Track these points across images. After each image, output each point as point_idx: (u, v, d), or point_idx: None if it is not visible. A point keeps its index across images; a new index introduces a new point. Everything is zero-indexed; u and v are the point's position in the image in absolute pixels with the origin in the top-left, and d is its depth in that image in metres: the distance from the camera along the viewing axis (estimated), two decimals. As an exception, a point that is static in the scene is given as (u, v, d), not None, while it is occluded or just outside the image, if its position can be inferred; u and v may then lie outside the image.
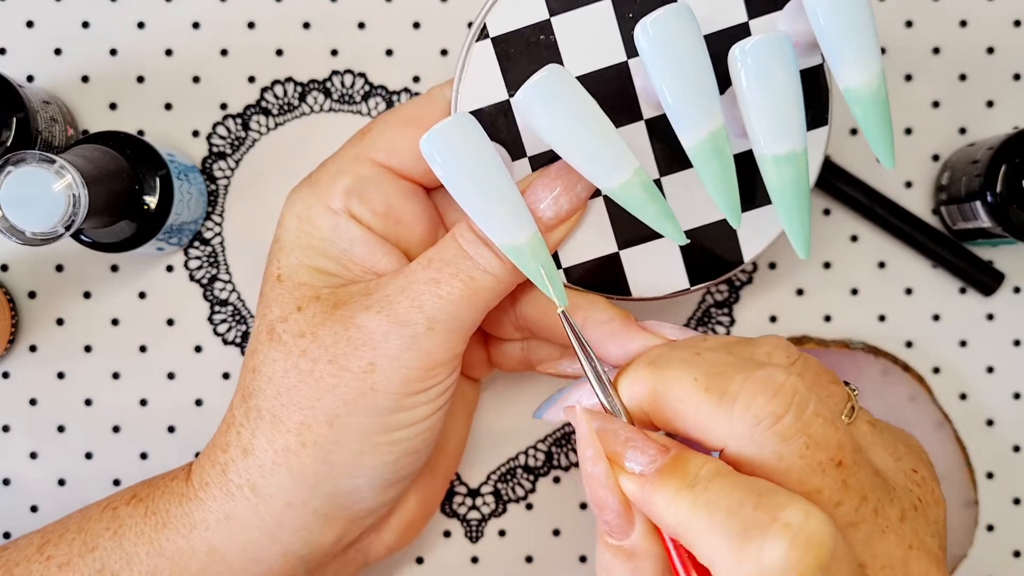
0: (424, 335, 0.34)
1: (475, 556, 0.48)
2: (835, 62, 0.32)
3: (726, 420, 0.29)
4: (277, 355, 0.35)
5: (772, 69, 0.31)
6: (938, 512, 0.31)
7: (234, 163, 0.47)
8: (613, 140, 0.32)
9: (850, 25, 0.31)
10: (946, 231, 0.47)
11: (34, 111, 0.41)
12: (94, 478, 0.47)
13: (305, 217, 0.36)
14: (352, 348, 0.34)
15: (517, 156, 0.37)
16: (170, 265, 0.47)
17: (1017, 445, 0.48)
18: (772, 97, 0.31)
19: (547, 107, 0.31)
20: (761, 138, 0.32)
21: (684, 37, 0.31)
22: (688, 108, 0.31)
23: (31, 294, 0.47)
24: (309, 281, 0.36)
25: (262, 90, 0.47)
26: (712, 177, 0.32)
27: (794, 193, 0.32)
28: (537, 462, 0.48)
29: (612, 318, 0.36)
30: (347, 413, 0.34)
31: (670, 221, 0.33)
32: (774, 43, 0.31)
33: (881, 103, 0.32)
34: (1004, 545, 0.48)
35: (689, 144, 0.32)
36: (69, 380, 0.47)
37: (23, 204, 0.36)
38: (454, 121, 0.32)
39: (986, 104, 0.48)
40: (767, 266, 0.48)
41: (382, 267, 0.36)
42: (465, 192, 0.32)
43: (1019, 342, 0.48)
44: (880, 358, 0.46)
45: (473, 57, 0.36)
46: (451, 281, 0.34)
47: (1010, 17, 0.47)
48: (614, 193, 0.32)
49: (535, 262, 0.33)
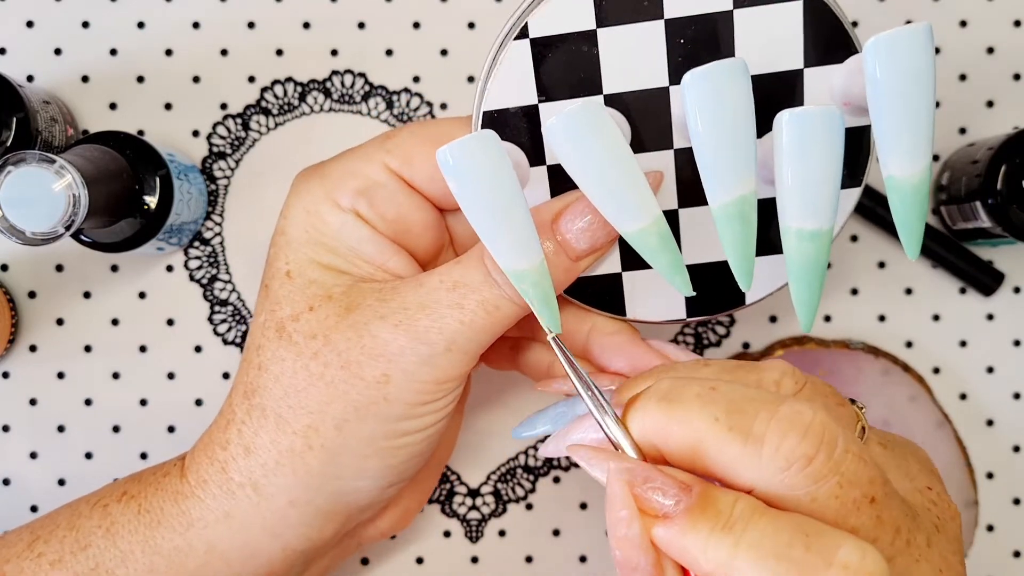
0: (442, 355, 0.34)
1: (475, 556, 0.48)
2: (883, 146, 0.30)
3: (754, 462, 0.28)
4: (286, 354, 0.35)
5: (816, 146, 0.30)
6: (955, 527, 0.31)
7: (234, 163, 0.47)
8: (638, 184, 0.31)
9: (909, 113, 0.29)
10: (946, 231, 0.47)
11: (34, 111, 0.41)
12: (94, 478, 0.47)
13: (313, 211, 0.36)
14: (367, 357, 0.34)
15: (536, 163, 0.35)
16: (170, 265, 0.47)
17: (1017, 445, 0.48)
18: (810, 173, 0.30)
19: (577, 141, 0.31)
20: (789, 209, 0.31)
21: (732, 96, 0.30)
22: (722, 169, 0.30)
23: (31, 294, 0.47)
24: (320, 279, 0.35)
25: (262, 90, 0.47)
26: (732, 240, 0.31)
27: (812, 269, 0.31)
28: (537, 462, 0.48)
29: (619, 330, 0.36)
30: (357, 419, 0.34)
31: (680, 273, 0.32)
32: (825, 119, 0.29)
33: (921, 198, 0.31)
34: (1004, 545, 0.48)
35: (715, 204, 0.31)
36: (69, 380, 0.47)
37: (23, 204, 0.36)
38: (477, 138, 0.31)
39: (986, 104, 0.48)
40: (767, 266, 0.48)
41: (392, 266, 0.36)
42: (476, 210, 0.31)
43: (1019, 342, 0.48)
44: (880, 358, 0.46)
45: (508, 54, 0.34)
46: (475, 309, 0.34)
47: (1010, 17, 0.47)
48: (630, 237, 0.32)
49: (535, 290, 0.32)
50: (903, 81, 0.29)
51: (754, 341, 0.48)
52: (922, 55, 0.29)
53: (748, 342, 0.48)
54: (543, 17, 0.34)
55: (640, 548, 0.28)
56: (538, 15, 0.34)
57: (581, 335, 0.37)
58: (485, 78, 0.35)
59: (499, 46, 0.34)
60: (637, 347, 0.36)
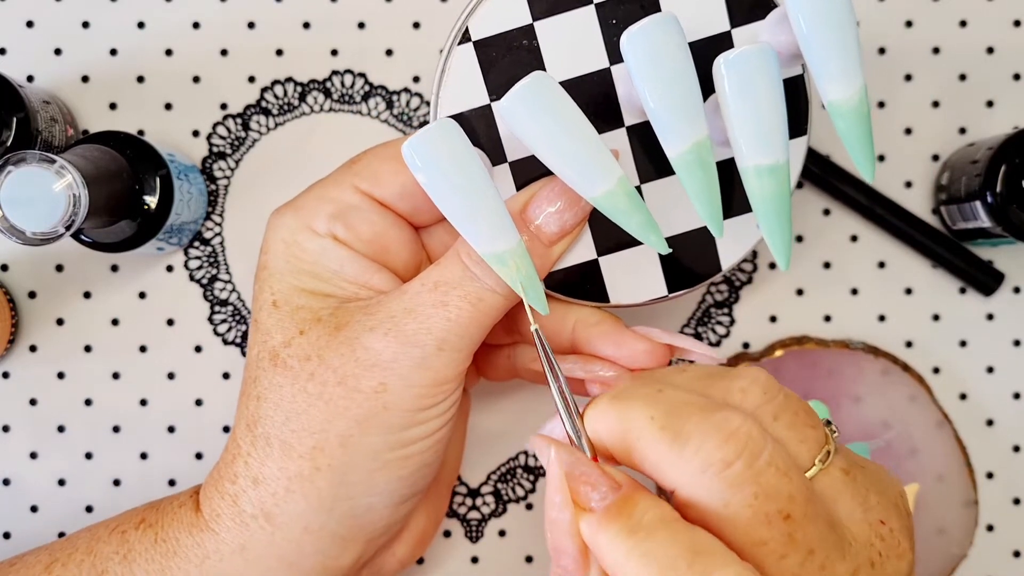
0: (434, 355, 0.34)
1: (475, 556, 0.48)
2: (819, 75, 0.32)
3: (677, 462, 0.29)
4: (283, 380, 0.35)
5: (756, 81, 0.31)
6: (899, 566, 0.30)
7: (234, 163, 0.47)
8: (598, 149, 0.32)
9: (834, 39, 0.31)
10: (946, 231, 0.47)
11: (34, 111, 0.41)
12: (94, 478, 0.47)
13: (291, 241, 0.36)
14: (362, 369, 0.34)
15: (497, 161, 0.36)
16: (170, 265, 0.47)
17: (1017, 445, 0.48)
18: (756, 109, 0.31)
19: (532, 114, 0.31)
20: (744, 149, 0.32)
21: (670, 47, 0.31)
22: (673, 118, 0.31)
23: (31, 294, 0.47)
24: (307, 304, 0.35)
25: (262, 90, 0.47)
26: (696, 187, 0.32)
27: (776, 204, 0.32)
28: (537, 462, 0.48)
29: (603, 320, 0.36)
30: (360, 433, 0.34)
31: (653, 231, 0.33)
32: (759, 55, 0.31)
33: (863, 117, 0.32)
34: (1004, 545, 0.48)
35: (673, 154, 0.32)
36: (69, 380, 0.47)
37: (23, 204, 0.36)
38: (436, 127, 0.32)
39: (986, 104, 0.48)
40: (767, 266, 0.48)
41: (375, 283, 0.36)
42: (448, 199, 0.32)
43: (1019, 342, 0.48)
44: (880, 358, 0.46)
45: (454, 60, 0.36)
46: (459, 304, 0.34)
47: (1010, 17, 0.48)
48: (598, 202, 0.32)
49: (517, 271, 0.33)
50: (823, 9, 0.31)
51: (754, 341, 0.48)
52: None
53: (748, 342, 0.48)
54: (481, 19, 0.35)
55: (568, 534, 0.29)
56: (476, 18, 0.35)
57: (566, 331, 0.37)
58: (437, 87, 0.36)
59: (446, 54, 0.36)
60: (621, 334, 0.36)
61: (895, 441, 0.46)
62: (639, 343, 0.36)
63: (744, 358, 0.47)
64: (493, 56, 0.36)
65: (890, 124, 0.48)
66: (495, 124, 0.36)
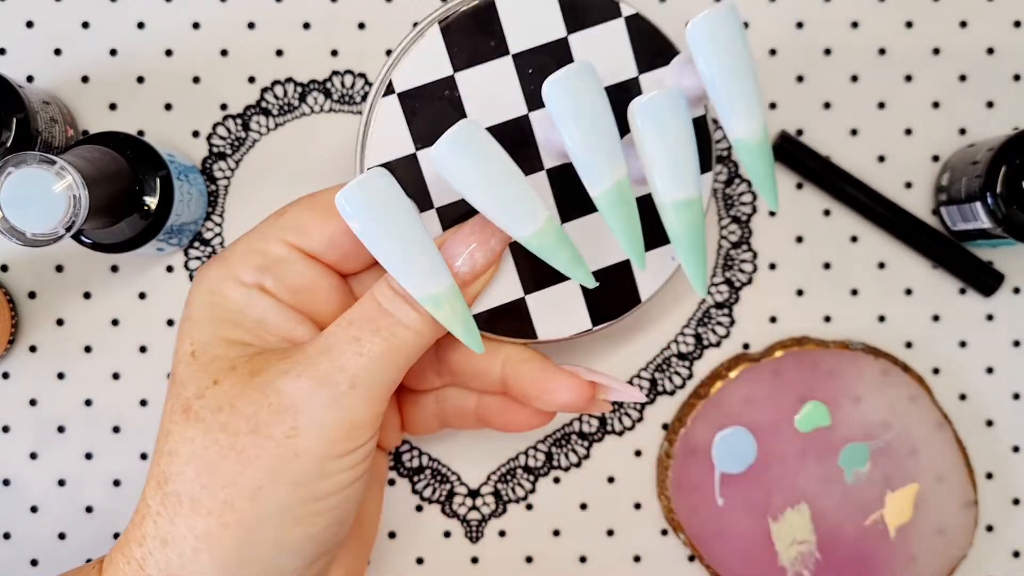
0: (347, 394, 0.34)
1: (475, 556, 0.48)
2: (725, 115, 0.34)
3: None
4: (195, 433, 0.34)
5: (668, 124, 0.33)
6: None
7: (234, 163, 0.47)
8: (525, 191, 0.33)
9: (737, 84, 0.33)
10: (946, 232, 0.47)
11: (34, 112, 0.41)
12: (94, 478, 0.47)
13: (216, 291, 0.36)
14: (273, 414, 0.33)
15: (424, 207, 0.37)
16: (170, 265, 0.47)
17: (1016, 446, 0.48)
18: (670, 149, 0.33)
19: (462, 160, 0.33)
20: (661, 187, 0.33)
21: (590, 93, 0.33)
22: (596, 159, 0.33)
23: (31, 294, 0.47)
24: (224, 353, 0.35)
25: (262, 90, 0.47)
26: (619, 223, 0.34)
27: (692, 236, 0.34)
28: (537, 462, 0.48)
29: (531, 357, 0.38)
30: (270, 483, 0.33)
31: (580, 266, 0.34)
32: (669, 100, 0.33)
33: (764, 152, 0.34)
34: (1003, 545, 0.48)
35: (597, 192, 0.33)
36: (69, 380, 0.47)
37: (23, 205, 0.36)
38: (369, 177, 0.33)
39: (986, 105, 0.48)
40: (767, 266, 0.48)
41: (299, 335, 0.36)
42: (381, 245, 0.33)
43: (1019, 343, 0.48)
44: (880, 359, 0.46)
45: (379, 112, 0.37)
46: (372, 339, 0.34)
47: (1010, 18, 0.47)
48: (527, 241, 0.34)
49: (452, 312, 0.34)
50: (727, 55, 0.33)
51: (754, 342, 0.48)
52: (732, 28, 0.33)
53: (748, 342, 0.48)
54: (404, 72, 0.37)
55: None
56: (399, 71, 0.37)
57: (495, 369, 0.38)
58: (363, 137, 0.37)
59: (371, 107, 0.37)
60: (548, 369, 0.38)
61: (895, 441, 0.46)
62: (565, 379, 0.38)
63: (744, 359, 0.47)
64: (416, 107, 0.37)
65: (890, 125, 0.48)
66: (420, 172, 0.37)
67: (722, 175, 0.47)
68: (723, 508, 0.46)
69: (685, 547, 0.48)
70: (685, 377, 0.48)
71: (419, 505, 0.48)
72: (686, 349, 0.48)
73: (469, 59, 0.37)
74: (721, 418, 0.46)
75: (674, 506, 0.46)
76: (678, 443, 0.46)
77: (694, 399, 0.47)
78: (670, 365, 0.48)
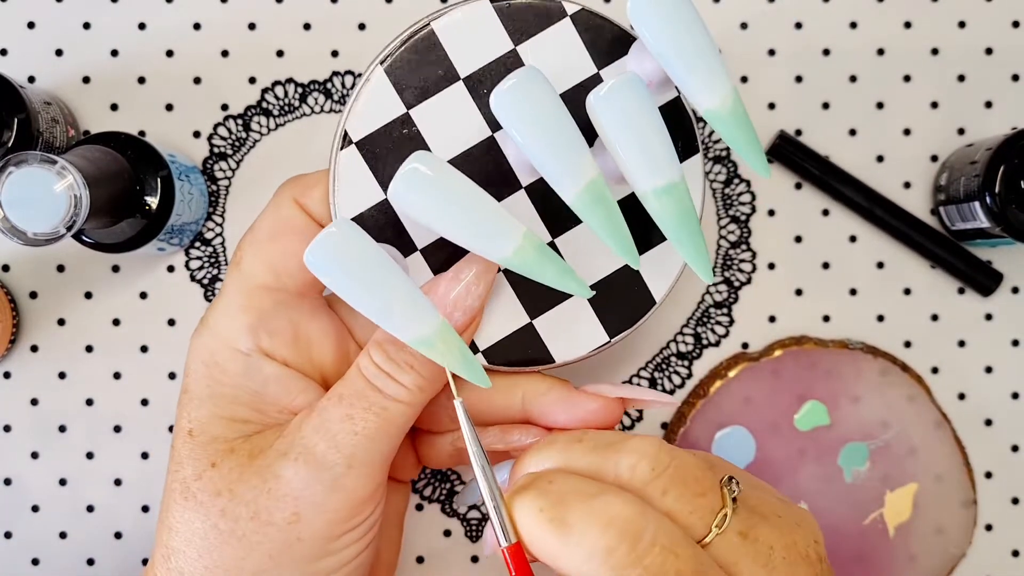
0: (345, 475, 0.33)
1: (475, 556, 0.48)
2: (687, 90, 0.32)
3: (565, 551, 0.30)
4: (194, 516, 0.34)
5: (629, 108, 0.31)
6: None
7: (235, 164, 0.47)
8: (495, 211, 0.32)
9: (692, 54, 0.32)
10: (945, 231, 0.48)
11: (35, 112, 0.41)
12: (95, 478, 0.47)
13: (212, 363, 0.35)
14: (273, 500, 0.33)
15: (408, 252, 0.36)
16: (171, 265, 0.47)
17: (1015, 445, 0.48)
18: (637, 135, 0.31)
19: (420, 195, 0.31)
20: (637, 177, 0.32)
21: (539, 97, 0.31)
22: (560, 164, 0.32)
23: (32, 294, 0.47)
24: (223, 434, 0.35)
25: (263, 91, 0.47)
26: (599, 224, 0.32)
27: (682, 222, 0.32)
28: (537, 462, 0.48)
29: (551, 387, 0.36)
30: (273, 567, 0.33)
31: (571, 278, 0.33)
32: (625, 84, 0.31)
33: (740, 118, 0.32)
34: (1003, 545, 0.48)
35: (570, 197, 0.32)
36: (70, 380, 0.47)
37: (25, 205, 0.36)
38: (334, 229, 0.31)
39: (984, 105, 0.48)
40: (766, 266, 0.48)
41: (298, 404, 0.35)
42: (359, 298, 0.32)
43: (1017, 342, 0.48)
44: (879, 358, 0.46)
45: (341, 166, 0.36)
46: (364, 416, 0.34)
47: (1008, 18, 0.48)
48: (509, 262, 0.32)
49: (448, 350, 0.32)
50: (676, 28, 0.31)
51: (753, 341, 0.48)
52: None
53: (747, 342, 0.48)
54: (358, 119, 0.36)
55: None
56: (353, 119, 0.36)
57: (515, 404, 0.37)
58: (332, 192, 0.36)
59: (333, 162, 0.36)
60: (572, 397, 0.36)
61: (894, 441, 0.46)
62: (591, 403, 0.36)
63: (743, 358, 0.47)
64: (378, 152, 0.36)
65: (889, 125, 0.48)
66: (397, 217, 0.36)
67: (721, 175, 0.48)
68: (722, 507, 0.46)
69: (685, 546, 0.48)
70: (684, 377, 0.48)
71: (419, 504, 0.48)
72: (685, 349, 0.48)
73: (420, 94, 0.36)
74: (720, 417, 0.46)
75: None
76: (677, 442, 0.46)
77: (693, 398, 0.47)
78: (669, 364, 0.48)
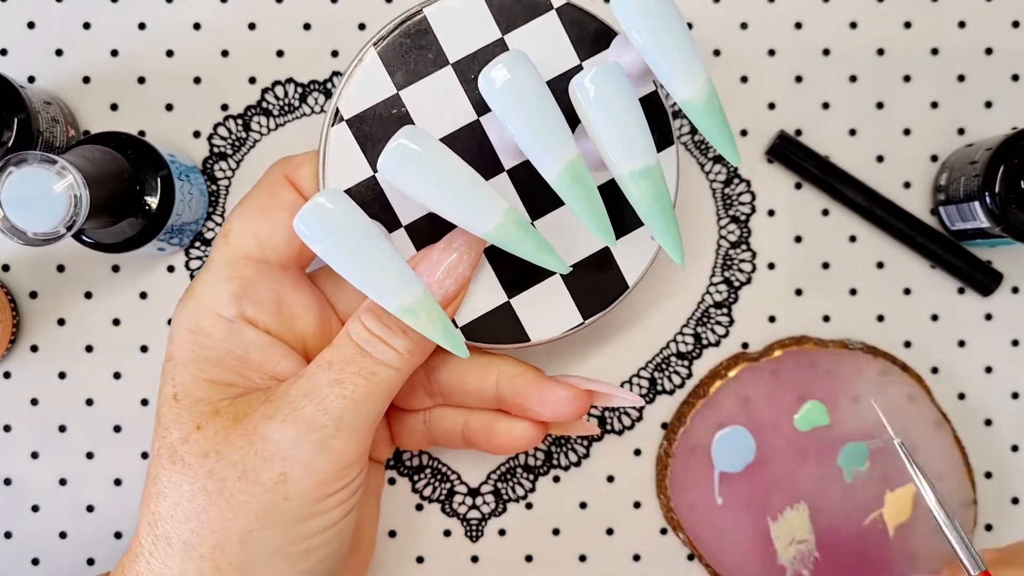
0: (334, 436, 0.34)
1: (475, 556, 0.48)
2: (666, 80, 0.34)
3: None
4: (181, 479, 0.34)
5: (610, 93, 0.33)
6: None
7: (235, 164, 0.47)
8: (479, 187, 0.33)
9: (672, 48, 0.33)
10: (944, 231, 0.48)
11: (35, 112, 0.41)
12: (95, 478, 0.47)
13: (196, 329, 0.36)
14: (261, 461, 0.34)
15: (393, 228, 0.38)
16: (171, 265, 0.47)
17: (1015, 445, 0.48)
18: (616, 119, 0.33)
19: (409, 168, 0.33)
20: (615, 159, 0.34)
21: (525, 79, 0.33)
22: (542, 143, 0.33)
23: (32, 294, 0.47)
24: (207, 396, 0.35)
25: (263, 91, 0.47)
26: (578, 203, 0.34)
27: (657, 204, 0.34)
28: (537, 462, 0.48)
29: (524, 371, 0.38)
30: (260, 527, 0.34)
31: (549, 253, 0.34)
32: (606, 70, 0.33)
33: (714, 109, 0.34)
34: (1003, 544, 0.48)
35: (551, 176, 0.34)
36: (70, 380, 0.47)
37: (25, 205, 0.36)
38: (323, 197, 0.33)
39: (984, 105, 0.48)
40: (766, 266, 0.48)
41: (280, 370, 0.36)
42: (346, 265, 0.33)
43: (1017, 342, 0.48)
44: (879, 358, 0.46)
45: (331, 141, 0.37)
46: (354, 380, 0.34)
47: (1008, 18, 0.48)
48: (491, 236, 0.34)
49: (430, 320, 0.34)
50: (655, 21, 0.33)
51: (753, 341, 0.48)
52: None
53: (747, 342, 0.48)
54: (349, 98, 0.37)
55: None
56: (344, 98, 0.37)
57: (490, 386, 0.38)
58: (322, 167, 0.37)
59: (324, 137, 0.37)
60: (543, 382, 0.38)
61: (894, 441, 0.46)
62: (561, 390, 0.38)
63: (743, 358, 0.47)
64: (367, 130, 0.37)
65: (889, 125, 0.48)
66: (383, 194, 0.38)
67: (721, 175, 0.48)
68: (722, 507, 0.46)
69: (684, 546, 0.48)
70: (684, 376, 0.48)
71: (419, 504, 0.48)
72: (685, 348, 0.48)
73: (410, 76, 0.37)
74: (720, 417, 0.46)
75: (673, 505, 0.46)
76: (677, 442, 0.46)
77: (693, 398, 0.47)
78: (669, 364, 0.48)
